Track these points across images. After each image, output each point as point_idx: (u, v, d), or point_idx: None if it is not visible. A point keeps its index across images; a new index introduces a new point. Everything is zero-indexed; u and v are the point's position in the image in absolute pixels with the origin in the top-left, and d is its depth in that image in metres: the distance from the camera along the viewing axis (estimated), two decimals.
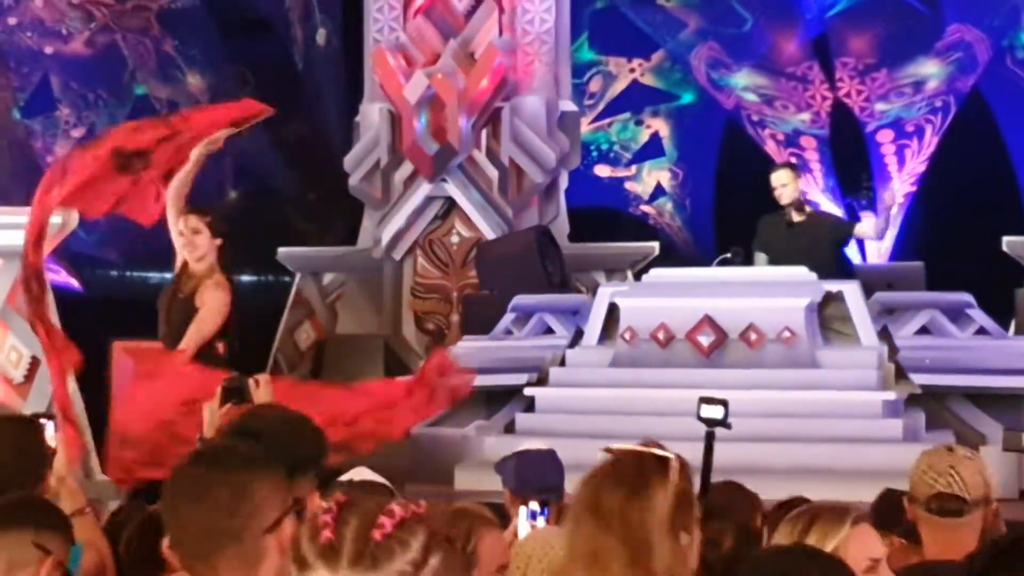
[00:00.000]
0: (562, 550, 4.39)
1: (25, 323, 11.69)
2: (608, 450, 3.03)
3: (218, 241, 7.63)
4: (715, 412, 7.38)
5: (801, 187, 11.31)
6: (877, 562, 3.45)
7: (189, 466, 2.94)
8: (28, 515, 3.48)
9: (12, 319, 11.79)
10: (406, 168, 14.18)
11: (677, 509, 2.90)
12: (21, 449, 4.40)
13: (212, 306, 7.55)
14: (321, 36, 19.31)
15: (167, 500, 2.88)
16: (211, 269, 7.62)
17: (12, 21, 18.47)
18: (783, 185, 10.82)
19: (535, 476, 5.35)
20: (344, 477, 4.58)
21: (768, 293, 10.15)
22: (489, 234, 13.88)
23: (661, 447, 3.00)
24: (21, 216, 12.07)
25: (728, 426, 7.51)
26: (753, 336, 10.03)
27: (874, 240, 11.50)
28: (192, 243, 7.60)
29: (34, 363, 11.74)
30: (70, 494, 4.57)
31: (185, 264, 7.73)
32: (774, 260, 10.71)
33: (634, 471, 2.93)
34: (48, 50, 18.76)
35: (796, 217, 10.82)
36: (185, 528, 2.86)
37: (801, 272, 10.36)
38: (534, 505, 4.62)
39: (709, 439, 7.03)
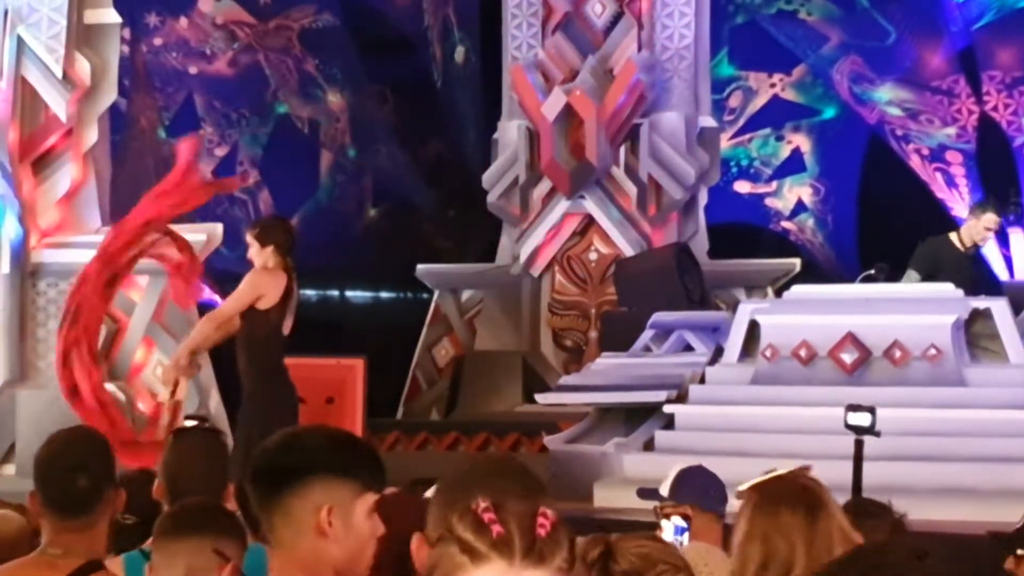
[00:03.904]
0: (717, 568, 4.34)
1: (172, 340, 11.92)
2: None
3: (269, 248, 8.96)
4: (862, 419, 7.20)
5: None
6: None
7: None
8: (208, 522, 3.53)
9: (159, 336, 11.98)
10: (544, 185, 14.17)
11: None
12: (213, 462, 4.47)
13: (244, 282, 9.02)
14: (460, 54, 19.41)
15: None
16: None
17: (158, 42, 18.84)
18: (996, 231, 10.92)
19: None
20: None
21: (913, 310, 9.94)
22: (627, 251, 13.81)
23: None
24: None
25: (877, 434, 7.34)
26: (898, 353, 9.82)
27: None
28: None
29: None
30: None
31: None
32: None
33: None
34: (192, 70, 19.10)
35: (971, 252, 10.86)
36: None
37: (947, 289, 10.14)
38: (679, 521, 4.55)
39: (858, 447, 6.85)
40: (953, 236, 10.84)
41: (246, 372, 9.04)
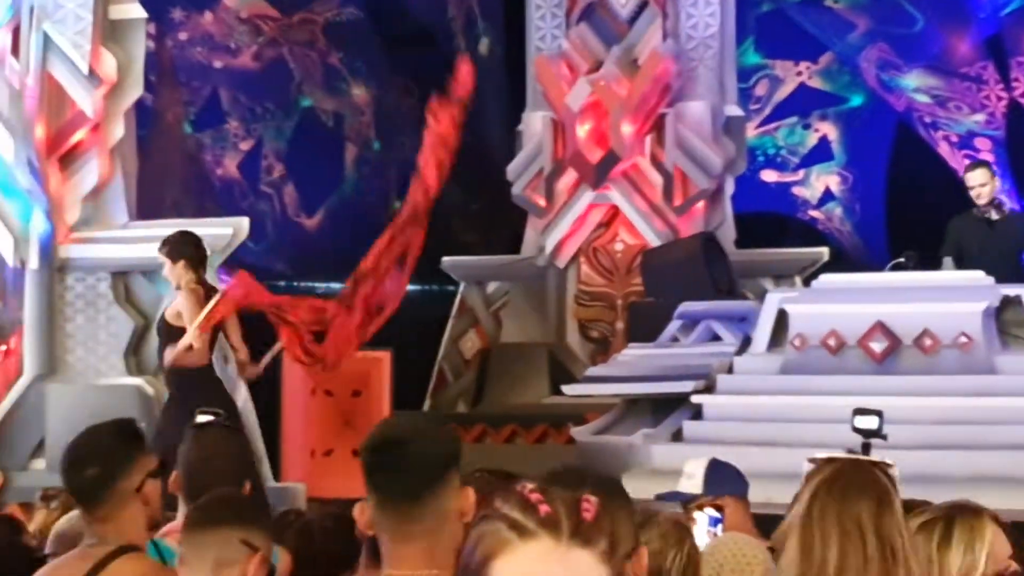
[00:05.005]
0: (755, 557, 4.31)
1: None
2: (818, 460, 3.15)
3: (180, 263, 9.14)
4: (870, 423, 7.18)
5: (997, 185, 11.07)
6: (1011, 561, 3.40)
7: None
8: (235, 513, 3.55)
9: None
10: (569, 176, 14.13)
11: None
12: (233, 457, 4.50)
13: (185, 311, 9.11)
14: (484, 45, 19.37)
15: None
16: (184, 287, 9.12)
17: (183, 36, 18.85)
18: (982, 184, 10.69)
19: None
20: None
21: (943, 297, 9.87)
22: (653, 241, 13.76)
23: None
24: (193, 228, 12.30)
25: (884, 437, 7.30)
26: (928, 342, 9.76)
27: None
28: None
29: None
30: None
31: None
32: (970, 262, 10.45)
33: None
34: (217, 64, 19.11)
35: (995, 215, 10.68)
36: None
37: (978, 276, 10.08)
38: (712, 512, 4.54)
39: (865, 451, 6.85)
40: (975, 209, 10.86)
41: (167, 383, 9.44)
